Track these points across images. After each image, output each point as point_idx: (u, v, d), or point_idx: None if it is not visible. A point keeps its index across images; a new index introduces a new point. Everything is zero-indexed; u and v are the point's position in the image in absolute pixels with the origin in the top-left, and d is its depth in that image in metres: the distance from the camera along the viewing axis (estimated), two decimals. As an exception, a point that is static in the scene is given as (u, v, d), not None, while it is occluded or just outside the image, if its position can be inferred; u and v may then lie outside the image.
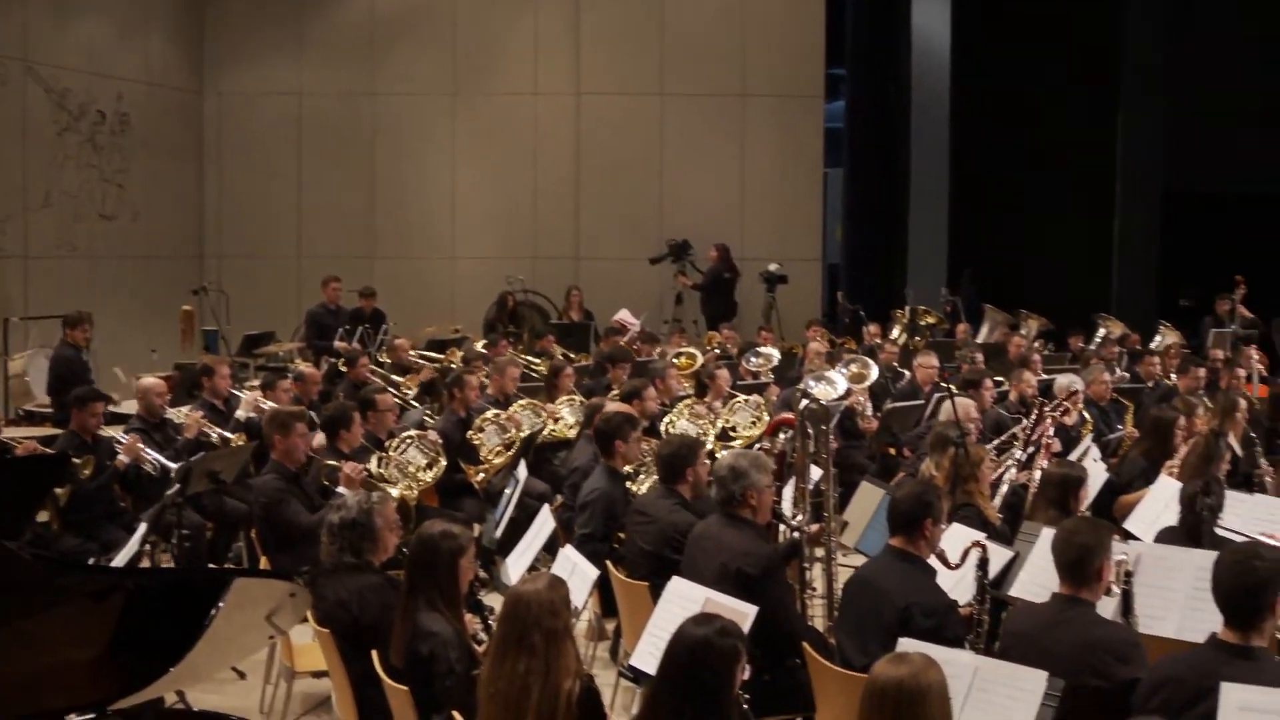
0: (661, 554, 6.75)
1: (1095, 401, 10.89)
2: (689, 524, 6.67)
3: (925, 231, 21.07)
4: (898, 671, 3.72)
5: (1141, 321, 17.08)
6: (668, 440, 7.54)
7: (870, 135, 22.64)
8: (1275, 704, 4.21)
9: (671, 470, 7.02)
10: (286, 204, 18.89)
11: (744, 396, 10.78)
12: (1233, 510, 7.02)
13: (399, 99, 18.87)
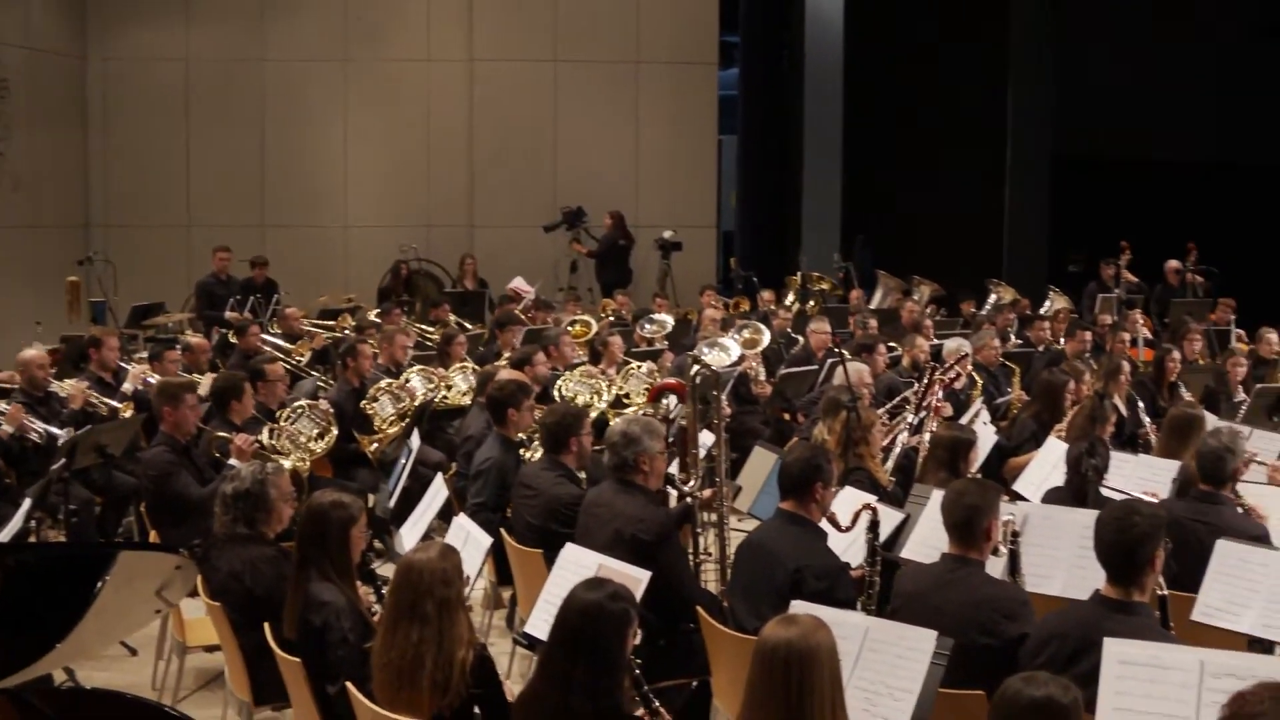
0: (548, 528, 6.74)
1: (985, 366, 11.01)
2: (573, 497, 6.67)
3: (819, 198, 21.15)
4: (787, 633, 3.73)
5: (1032, 286, 17.32)
6: (551, 409, 7.50)
7: (764, 102, 22.70)
8: (1154, 657, 4.29)
9: (556, 440, 7.00)
10: (175, 172, 18.53)
11: (637, 363, 10.79)
12: (1117, 470, 7.15)
13: (289, 65, 18.58)
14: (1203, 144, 20.76)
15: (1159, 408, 9.79)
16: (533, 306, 14.64)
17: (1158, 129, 20.63)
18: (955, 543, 5.20)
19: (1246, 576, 5.63)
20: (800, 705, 3.66)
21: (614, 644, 4.15)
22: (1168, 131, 20.72)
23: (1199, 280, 16.15)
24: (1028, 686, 3.53)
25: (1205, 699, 4.06)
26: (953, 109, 20.92)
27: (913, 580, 5.33)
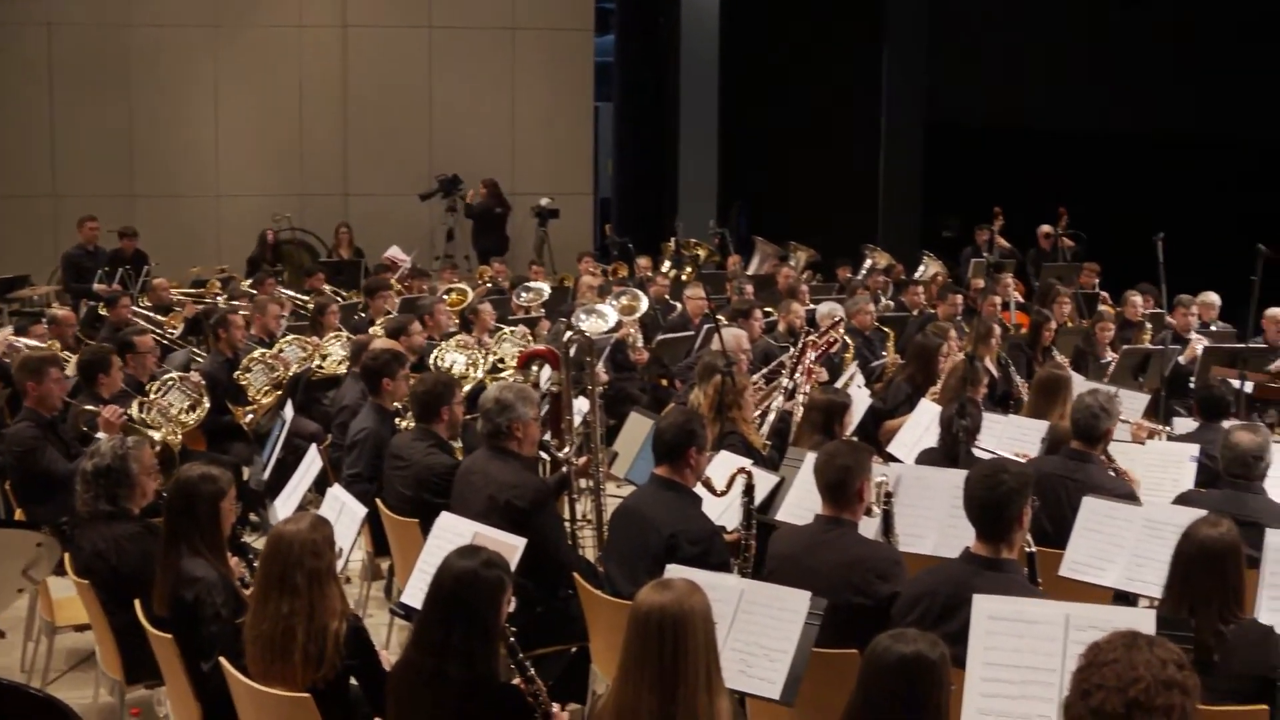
0: (420, 498, 6.69)
1: (859, 330, 11.12)
2: (445, 466, 6.64)
3: (695, 165, 21.20)
4: (661, 598, 3.73)
5: (906, 252, 17.51)
6: (422, 379, 7.44)
7: (640, 69, 22.64)
8: (1021, 612, 4.36)
9: (427, 409, 6.95)
10: (38, 141, 18.01)
11: (509, 329, 10.74)
12: (988, 430, 7.27)
13: (156, 30, 18.12)
14: (1074, 111, 21.08)
15: (1034, 370, 9.95)
16: (409, 275, 14.50)
17: (1030, 96, 20.92)
18: (828, 504, 5.24)
19: (1112, 532, 5.75)
20: (675, 669, 3.66)
21: (488, 611, 4.13)
22: (1040, 99, 21.02)
23: (1070, 245, 16.42)
24: (896, 643, 3.57)
25: (1070, 651, 4.13)
26: (828, 76, 21.05)
27: (787, 542, 5.36)
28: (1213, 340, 11.19)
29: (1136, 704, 3.11)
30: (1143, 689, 3.12)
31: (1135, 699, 3.12)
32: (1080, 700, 3.21)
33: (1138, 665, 3.16)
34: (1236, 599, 4.61)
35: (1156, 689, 3.12)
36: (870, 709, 3.54)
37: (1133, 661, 3.17)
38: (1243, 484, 6.12)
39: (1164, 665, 3.17)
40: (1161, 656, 3.19)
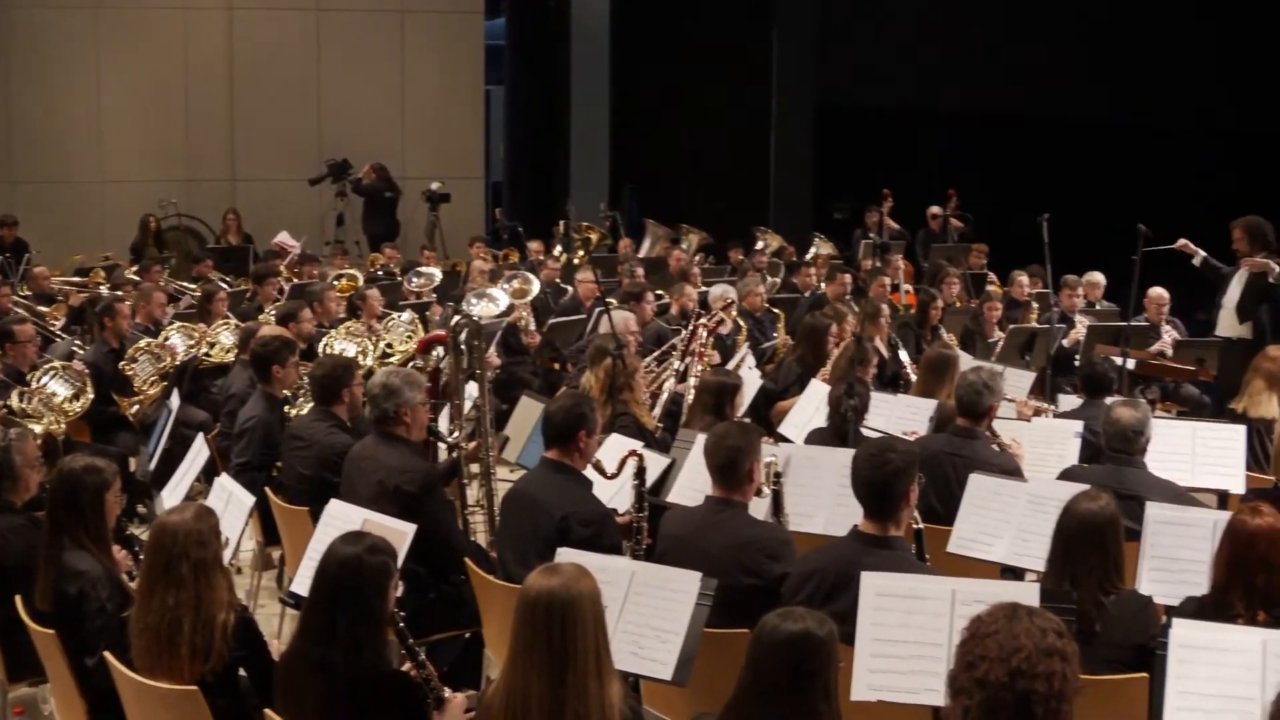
0: (322, 477, 6.62)
1: (750, 312, 11.18)
2: (347, 445, 6.57)
3: (586, 148, 21.17)
4: (549, 582, 3.72)
5: (798, 234, 17.60)
6: (321, 361, 7.39)
7: (531, 52, 22.56)
8: (909, 588, 4.41)
9: (326, 391, 6.89)
10: (-89, 126, 17.63)
11: (396, 315, 10.67)
12: (877, 410, 7.34)
13: (34, 10, 17.64)
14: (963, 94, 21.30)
15: (923, 349, 10.05)
16: (298, 261, 14.33)
17: (920, 79, 21.10)
18: (719, 485, 5.26)
19: (998, 508, 5.83)
20: (565, 653, 3.65)
21: (375, 597, 4.10)
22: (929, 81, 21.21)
23: (958, 226, 16.63)
24: (784, 622, 3.59)
25: (956, 625, 4.18)
26: (719, 59, 21.07)
27: (677, 523, 5.38)
28: (1097, 319, 11.38)
29: (1019, 672, 3.18)
30: (1024, 658, 3.18)
31: (1018, 668, 3.18)
32: (965, 671, 3.27)
33: (1019, 635, 3.22)
34: (1117, 570, 4.70)
35: (1038, 657, 3.19)
36: (759, 687, 3.56)
37: (1014, 632, 3.23)
38: (1124, 458, 6.23)
39: (1044, 634, 3.24)
40: (1041, 626, 3.26)
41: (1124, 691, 4.44)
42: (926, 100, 21.27)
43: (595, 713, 3.66)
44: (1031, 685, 3.17)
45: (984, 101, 21.22)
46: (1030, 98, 20.90)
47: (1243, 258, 9.88)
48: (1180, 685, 4.17)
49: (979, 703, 3.22)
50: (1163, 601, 5.01)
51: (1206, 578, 4.79)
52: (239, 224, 16.88)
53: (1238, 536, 4.54)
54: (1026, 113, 20.89)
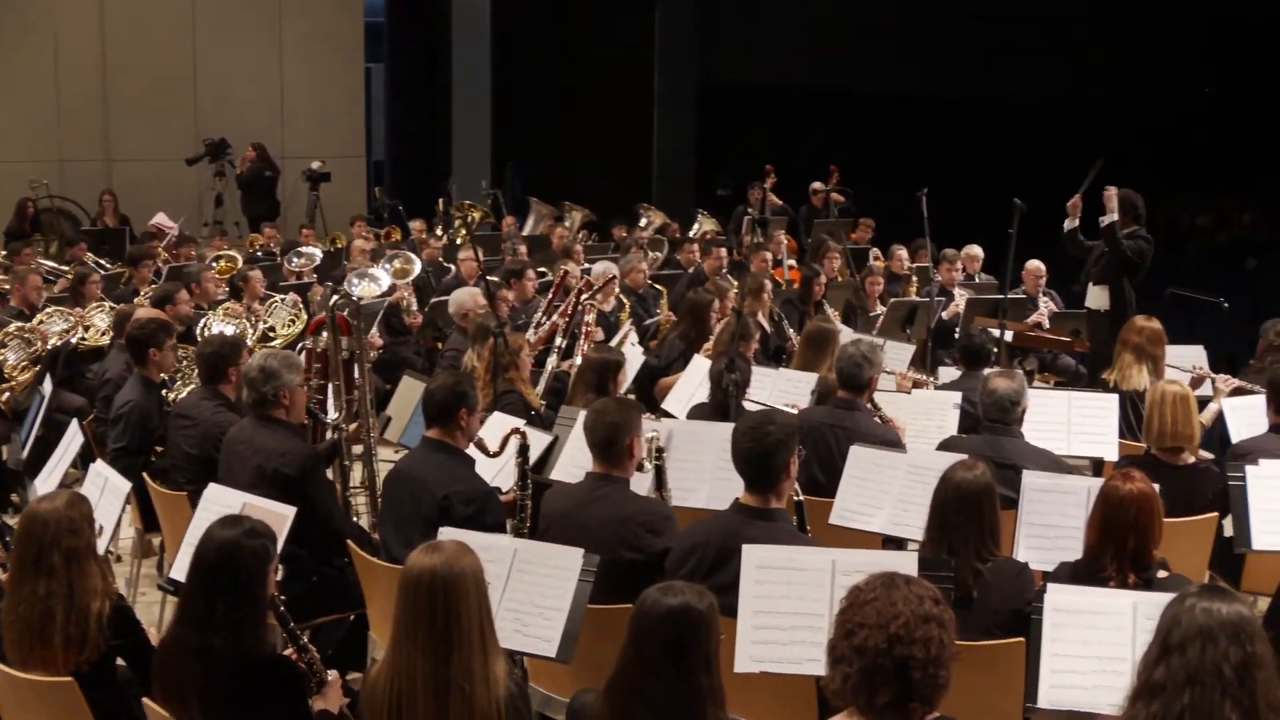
0: (209, 456, 6.48)
1: (633, 289, 11.19)
2: (234, 424, 6.48)
3: (469, 126, 21.05)
4: (430, 560, 3.70)
5: (681, 210, 17.63)
6: (208, 340, 7.28)
7: (411, 29, 22.37)
8: (790, 559, 4.45)
9: (213, 370, 6.78)
10: None
11: (280, 297, 10.54)
12: (759, 384, 7.39)
13: (-105, -9, 17.28)
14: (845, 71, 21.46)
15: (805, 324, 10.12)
16: (176, 243, 14.09)
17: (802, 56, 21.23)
18: (599, 461, 5.26)
19: (878, 479, 5.90)
20: (448, 632, 3.64)
21: (254, 581, 4.05)
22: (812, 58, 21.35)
23: (839, 201, 16.75)
24: (664, 595, 3.60)
25: (837, 595, 4.20)
26: (601, 36, 21.06)
27: (559, 500, 5.37)
28: (975, 292, 11.53)
29: (897, 638, 3.23)
30: (902, 624, 3.24)
31: (895, 634, 3.23)
32: (844, 639, 3.31)
33: (896, 602, 3.27)
34: (993, 538, 4.78)
35: (915, 624, 3.25)
36: (641, 661, 3.57)
37: (892, 600, 3.28)
38: (1001, 428, 6.33)
39: (921, 601, 3.29)
40: (919, 593, 3.32)
41: (1001, 656, 4.51)
42: (808, 77, 21.42)
43: (481, 690, 3.65)
44: (909, 651, 3.22)
45: (865, 78, 21.42)
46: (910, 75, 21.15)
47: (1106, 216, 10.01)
48: (1055, 648, 4.26)
49: (858, 670, 3.26)
50: (1039, 567, 5.10)
51: (1081, 543, 4.88)
52: (115, 205, 16.56)
53: (1109, 502, 4.63)
54: (907, 90, 21.13)
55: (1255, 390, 7.61)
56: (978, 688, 4.43)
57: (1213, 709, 3.11)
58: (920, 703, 3.28)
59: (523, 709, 3.78)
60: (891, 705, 3.26)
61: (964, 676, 4.30)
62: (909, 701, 3.26)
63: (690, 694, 3.54)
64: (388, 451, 7.48)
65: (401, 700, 3.66)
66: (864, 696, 3.28)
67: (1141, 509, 4.57)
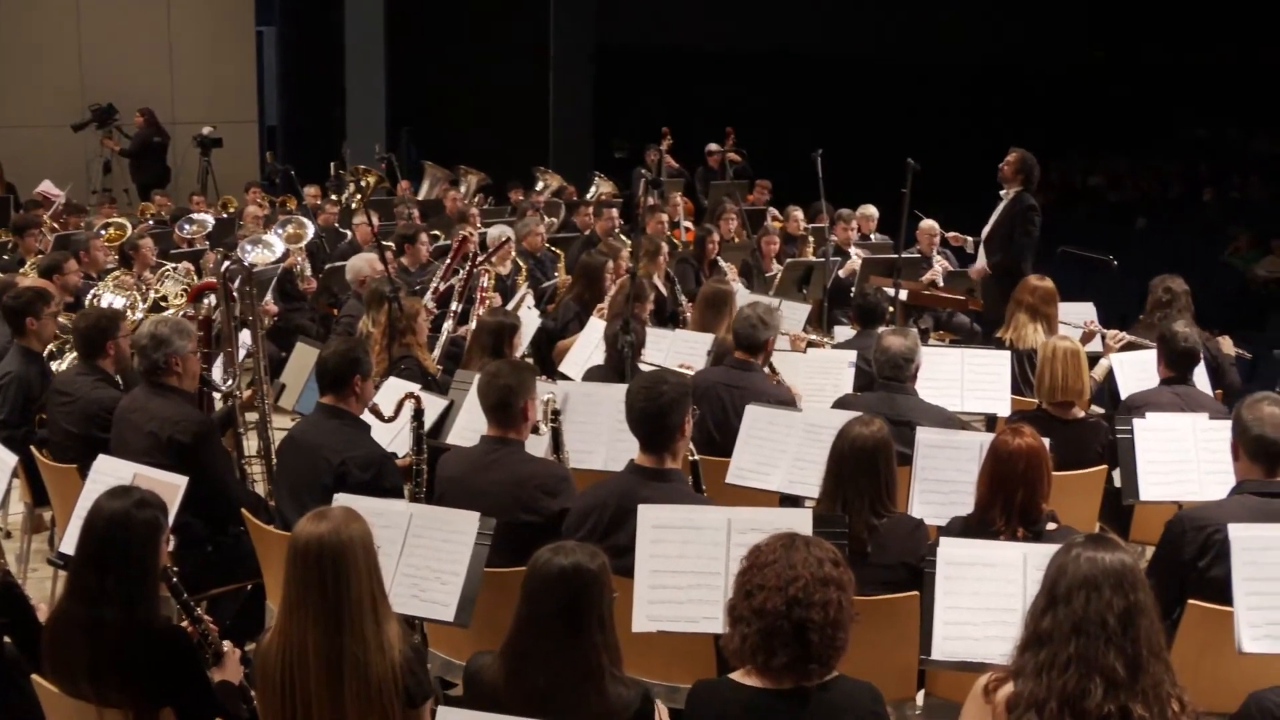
0: (89, 434, 6.39)
1: (530, 252, 11.15)
2: (114, 400, 6.36)
3: (362, 89, 20.82)
4: (318, 528, 3.66)
5: (578, 173, 17.59)
6: (84, 313, 7.11)
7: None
8: (685, 518, 4.47)
9: (91, 344, 6.64)
10: None
11: (172, 265, 10.37)
12: (655, 345, 7.40)
13: None
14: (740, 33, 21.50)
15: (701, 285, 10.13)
16: (63, 211, 13.80)
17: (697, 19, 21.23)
18: (494, 424, 5.25)
19: (774, 437, 5.93)
20: (339, 600, 3.61)
21: (144, 552, 3.98)
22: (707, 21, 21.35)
23: (736, 162, 16.79)
24: (556, 556, 3.60)
25: (733, 554, 4.26)
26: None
27: (455, 464, 5.35)
28: (870, 252, 11.61)
29: (795, 601, 3.27)
30: (801, 587, 3.28)
31: (794, 596, 3.27)
32: (743, 600, 3.34)
33: (796, 565, 3.30)
34: (888, 493, 4.82)
35: (814, 586, 3.28)
36: (534, 622, 3.57)
37: (791, 562, 3.31)
38: (895, 385, 6.39)
39: (820, 564, 3.33)
40: (818, 555, 3.35)
41: (897, 610, 4.57)
42: (704, 40, 21.43)
43: (374, 657, 3.63)
44: (807, 614, 3.26)
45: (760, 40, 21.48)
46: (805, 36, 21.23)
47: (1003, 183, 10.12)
48: (947, 601, 4.32)
49: (756, 631, 3.30)
50: (934, 522, 5.17)
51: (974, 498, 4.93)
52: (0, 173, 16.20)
53: (999, 456, 4.68)
54: (802, 51, 21.20)
55: (1144, 345, 7.74)
56: (873, 642, 4.48)
57: (1098, 656, 3.17)
58: (818, 664, 3.32)
59: (419, 673, 3.76)
60: (789, 666, 3.31)
61: (860, 631, 4.34)
62: (807, 663, 3.31)
63: (585, 653, 3.54)
64: (283, 419, 7.40)
65: (294, 670, 3.62)
66: (762, 657, 3.32)
67: (1030, 463, 4.63)
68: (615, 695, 3.57)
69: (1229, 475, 5.07)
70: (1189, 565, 4.77)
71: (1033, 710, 3.21)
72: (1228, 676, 4.44)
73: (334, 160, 17.78)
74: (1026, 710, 3.22)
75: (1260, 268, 16.50)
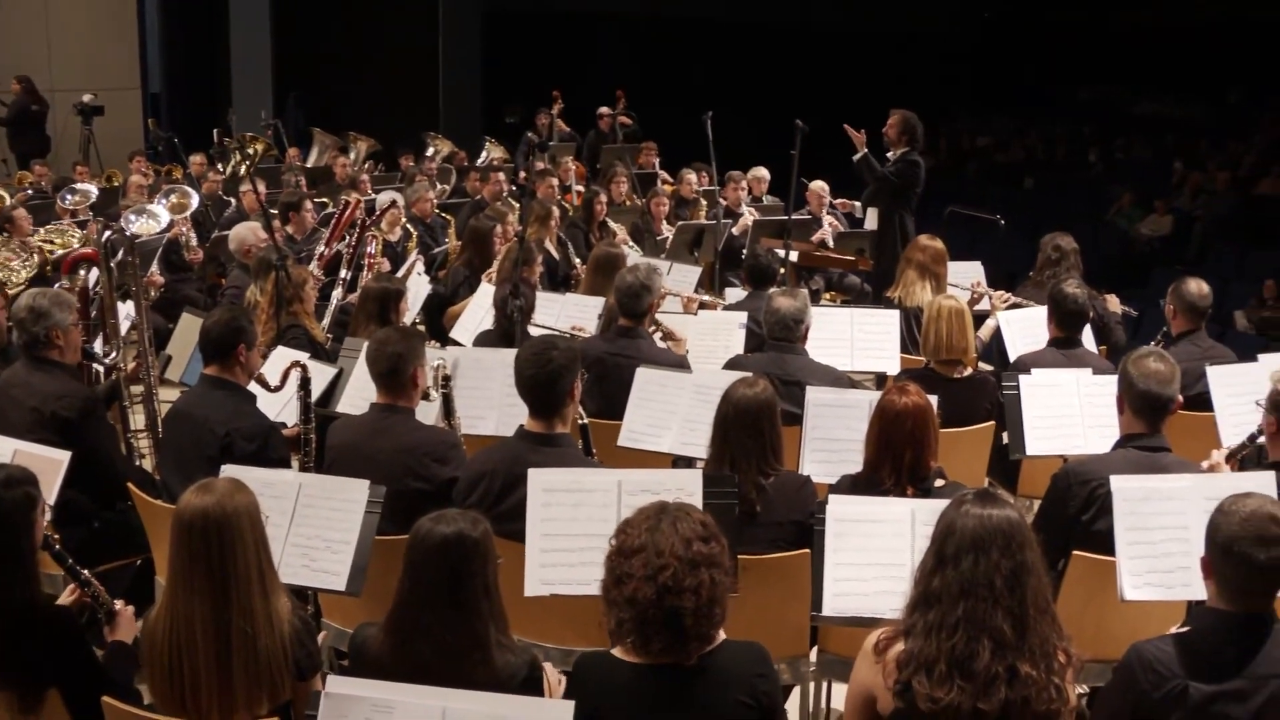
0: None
1: (420, 218, 11.06)
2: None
3: (248, 55, 20.49)
4: (203, 500, 3.61)
5: (469, 138, 17.47)
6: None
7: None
8: (575, 482, 4.48)
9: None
10: None
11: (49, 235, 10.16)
12: (545, 309, 7.38)
13: None
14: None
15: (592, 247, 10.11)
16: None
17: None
18: (383, 392, 5.22)
19: (665, 400, 5.95)
20: (225, 572, 3.56)
21: (18, 531, 3.89)
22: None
23: (626, 125, 16.76)
24: (438, 525, 3.57)
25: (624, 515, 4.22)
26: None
27: (345, 432, 5.31)
28: (761, 213, 11.65)
29: (666, 589, 3.28)
30: (670, 575, 3.28)
31: (664, 585, 3.28)
32: (615, 587, 3.35)
33: (663, 551, 3.30)
34: (775, 453, 4.85)
35: (683, 572, 3.29)
36: (419, 593, 3.54)
37: (658, 547, 3.31)
38: (785, 346, 6.44)
39: (688, 544, 3.32)
40: (685, 534, 3.34)
41: (787, 568, 4.60)
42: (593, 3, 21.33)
43: (263, 629, 3.60)
44: (679, 603, 3.27)
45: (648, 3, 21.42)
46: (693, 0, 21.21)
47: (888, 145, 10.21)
48: (837, 557, 4.36)
49: (631, 618, 3.30)
50: (825, 480, 5.19)
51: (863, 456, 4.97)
52: None
53: (885, 415, 4.73)
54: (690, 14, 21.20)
55: (1029, 305, 7.86)
56: (765, 601, 4.53)
57: (986, 618, 3.23)
58: (697, 641, 3.33)
59: (309, 645, 3.74)
60: (666, 649, 3.32)
61: (752, 590, 4.40)
62: (685, 644, 3.32)
63: (471, 622, 3.53)
64: (171, 391, 7.28)
65: (181, 645, 3.57)
66: (638, 640, 3.33)
67: (917, 421, 4.67)
68: (503, 664, 3.56)
69: (1114, 429, 5.16)
70: (1074, 518, 4.86)
71: (922, 671, 3.26)
72: (1111, 625, 4.54)
73: (219, 128, 17.51)
74: (916, 671, 3.27)
75: (1144, 226, 16.81)
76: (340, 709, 3.30)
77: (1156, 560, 4.41)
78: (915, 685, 3.26)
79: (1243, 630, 3.44)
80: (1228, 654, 3.43)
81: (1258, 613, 3.46)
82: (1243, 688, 3.40)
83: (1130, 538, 4.43)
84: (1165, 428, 4.95)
